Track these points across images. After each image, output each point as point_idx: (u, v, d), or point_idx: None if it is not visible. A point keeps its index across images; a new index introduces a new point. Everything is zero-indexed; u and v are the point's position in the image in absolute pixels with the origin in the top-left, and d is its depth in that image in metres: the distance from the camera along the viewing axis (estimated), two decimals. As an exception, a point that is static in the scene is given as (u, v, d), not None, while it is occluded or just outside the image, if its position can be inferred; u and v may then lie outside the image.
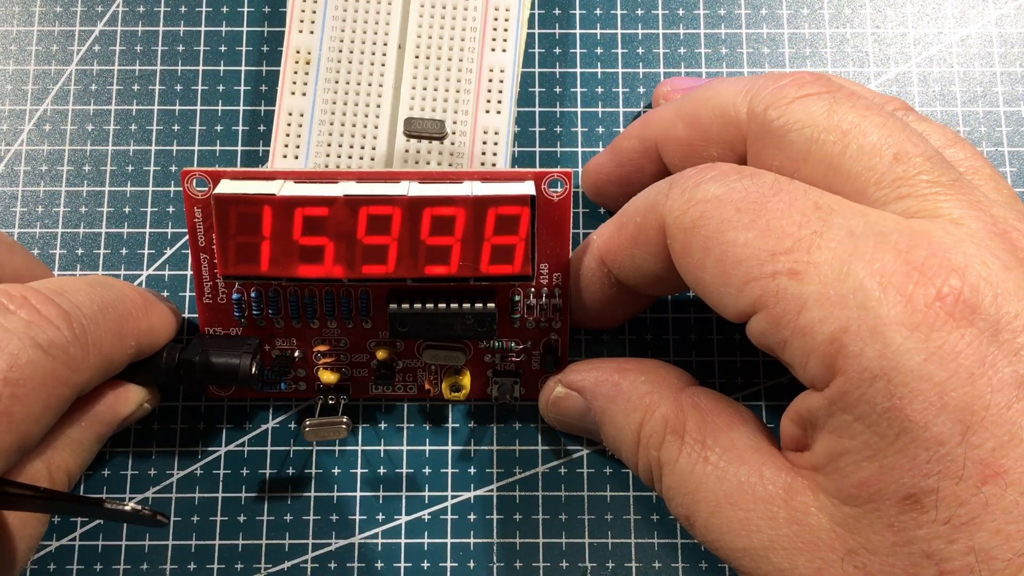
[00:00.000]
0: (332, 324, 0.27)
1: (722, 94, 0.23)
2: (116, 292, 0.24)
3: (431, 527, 0.28)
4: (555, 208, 0.26)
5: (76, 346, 0.21)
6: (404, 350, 0.27)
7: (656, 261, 0.23)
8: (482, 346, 0.27)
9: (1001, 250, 0.19)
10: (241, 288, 0.26)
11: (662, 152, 0.26)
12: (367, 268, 0.24)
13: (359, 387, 0.28)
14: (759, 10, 0.31)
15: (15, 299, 0.21)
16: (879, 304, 0.18)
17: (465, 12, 0.29)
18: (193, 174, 0.25)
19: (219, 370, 0.25)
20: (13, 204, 0.29)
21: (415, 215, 0.24)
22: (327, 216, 0.23)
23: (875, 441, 0.18)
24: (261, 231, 0.24)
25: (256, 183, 0.24)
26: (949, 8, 0.31)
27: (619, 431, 0.24)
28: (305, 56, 0.28)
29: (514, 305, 0.26)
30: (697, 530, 0.21)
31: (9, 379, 0.20)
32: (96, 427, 0.25)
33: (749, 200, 0.20)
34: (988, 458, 0.17)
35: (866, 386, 0.18)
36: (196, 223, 0.26)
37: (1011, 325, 0.17)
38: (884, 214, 0.20)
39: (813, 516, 0.19)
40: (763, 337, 0.20)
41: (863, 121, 0.21)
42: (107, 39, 0.31)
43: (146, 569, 0.27)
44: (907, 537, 0.18)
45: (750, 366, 0.29)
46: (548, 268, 0.26)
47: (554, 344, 0.27)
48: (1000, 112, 0.30)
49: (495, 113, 0.28)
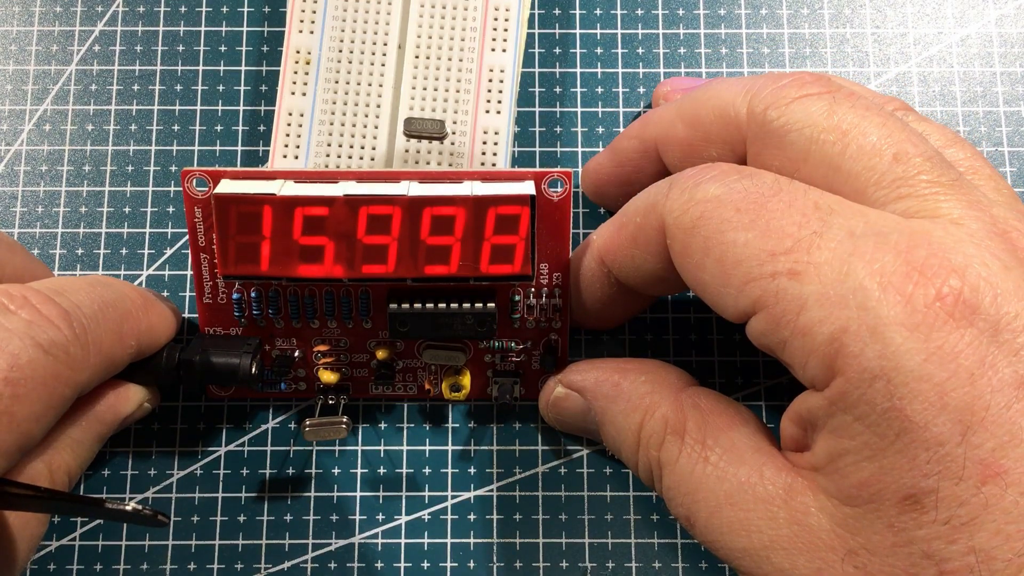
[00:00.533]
0: (332, 324, 0.27)
1: (722, 94, 0.23)
2: (116, 291, 0.24)
3: (431, 527, 0.28)
4: (555, 208, 0.26)
5: (76, 345, 0.21)
6: (404, 350, 0.27)
7: (656, 261, 0.23)
8: (482, 346, 0.27)
9: (1001, 250, 0.19)
10: (241, 288, 0.26)
11: (662, 152, 0.26)
12: (367, 268, 0.24)
13: (359, 387, 0.28)
14: (759, 10, 0.31)
15: (15, 299, 0.21)
16: (879, 304, 0.18)
17: (465, 12, 0.29)
18: (193, 174, 0.25)
19: (219, 370, 0.25)
20: (13, 204, 0.29)
21: (415, 215, 0.24)
22: (327, 216, 0.23)
23: (875, 441, 0.18)
24: (261, 231, 0.24)
25: (256, 183, 0.24)
26: (949, 8, 0.31)
27: (619, 431, 0.24)
28: (305, 56, 0.28)
29: (514, 305, 0.26)
30: (697, 530, 0.21)
31: (10, 378, 0.20)
32: (96, 427, 0.25)
33: (749, 200, 0.20)
34: (988, 458, 0.17)
35: (866, 386, 0.18)
36: (196, 223, 0.26)
37: (1011, 325, 0.17)
38: (884, 214, 0.19)
39: (813, 516, 0.19)
40: (763, 337, 0.20)
41: (863, 121, 0.21)
42: (107, 39, 0.31)
43: (146, 569, 0.27)
44: (907, 537, 0.18)
45: (750, 366, 0.29)
46: (548, 268, 0.26)
47: (554, 344, 0.27)
48: (1000, 112, 0.30)
49: (495, 113, 0.28)
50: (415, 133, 0.27)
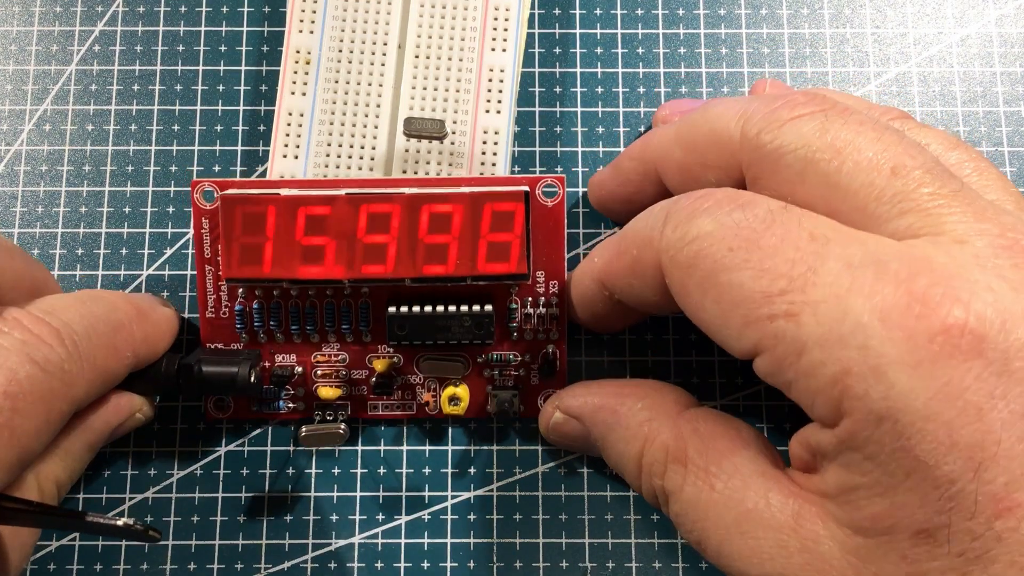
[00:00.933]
0: (332, 339, 0.27)
1: (716, 119, 0.23)
2: (107, 304, 0.24)
3: (431, 527, 0.28)
4: (549, 214, 0.26)
5: (71, 362, 0.21)
6: (403, 366, 0.27)
7: (655, 293, 0.22)
8: (480, 360, 0.27)
9: (1010, 268, 0.18)
10: (243, 301, 0.27)
11: (662, 175, 0.25)
12: (367, 268, 0.25)
13: (358, 405, 0.28)
14: (759, 10, 0.31)
15: (7, 320, 0.21)
16: (880, 343, 0.17)
17: (465, 12, 0.29)
18: (202, 185, 0.26)
19: (218, 378, 0.25)
20: (13, 204, 0.29)
21: (414, 212, 0.24)
22: (329, 215, 0.24)
23: (886, 479, 0.17)
24: (265, 231, 0.24)
25: (261, 190, 0.25)
26: (949, 8, 0.31)
27: (620, 458, 0.24)
28: (305, 56, 0.28)
29: (511, 313, 0.26)
30: (709, 555, 0.21)
31: (9, 392, 0.20)
32: (86, 436, 0.24)
33: (741, 237, 0.19)
34: (1001, 493, 0.16)
35: (873, 428, 0.17)
36: (203, 234, 0.26)
37: (1021, 352, 0.17)
38: (882, 240, 0.19)
39: (824, 544, 0.19)
40: (769, 378, 0.19)
41: (857, 137, 0.20)
42: (107, 39, 0.31)
43: (146, 569, 0.27)
44: (921, 569, 0.17)
45: (750, 366, 0.28)
46: (545, 276, 0.26)
47: (552, 356, 0.27)
48: (1000, 112, 0.30)
49: (495, 113, 0.28)
50: (415, 133, 0.27)
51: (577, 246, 0.29)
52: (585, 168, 0.30)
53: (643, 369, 0.29)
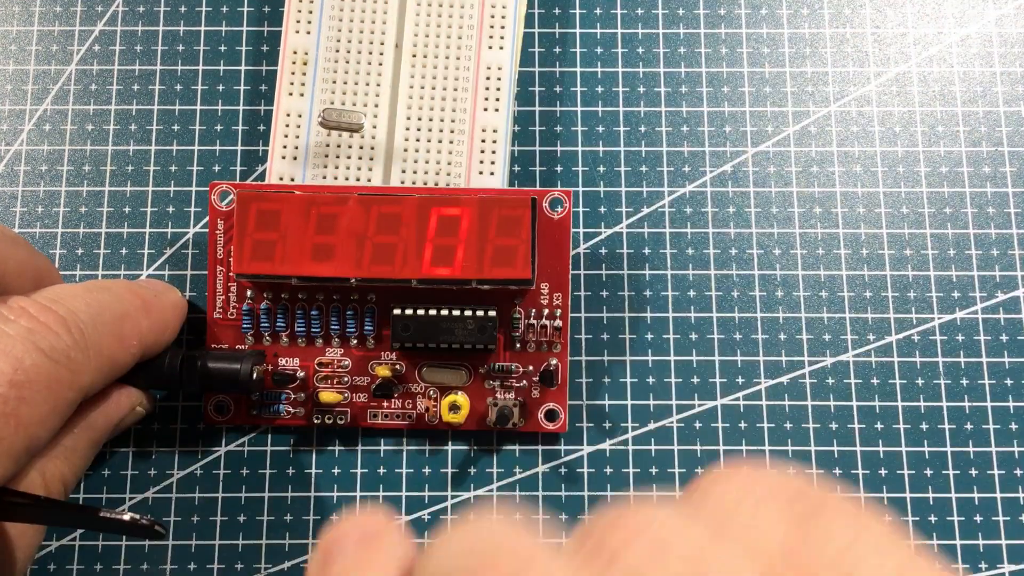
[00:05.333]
0: (336, 343, 0.27)
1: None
2: (113, 294, 0.24)
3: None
4: (556, 226, 0.27)
5: (77, 350, 0.21)
6: (405, 373, 0.27)
7: None
8: (482, 371, 0.27)
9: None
10: (251, 301, 0.27)
11: None
12: (375, 268, 0.25)
13: (358, 413, 0.28)
14: (759, 10, 0.31)
15: (13, 309, 0.21)
16: None
17: (462, 10, 0.29)
18: (220, 186, 0.27)
19: (220, 373, 0.25)
20: (13, 204, 0.30)
21: (423, 215, 0.25)
22: (341, 214, 0.25)
23: None
24: (279, 227, 0.25)
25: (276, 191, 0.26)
26: (949, 8, 0.31)
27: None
28: (302, 57, 0.28)
29: (514, 323, 0.27)
30: None
31: (15, 381, 0.20)
32: (89, 432, 0.24)
33: None
34: None
35: None
36: (217, 235, 0.27)
37: None
38: None
39: None
40: None
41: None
42: (107, 39, 0.31)
43: (146, 569, 0.27)
44: None
45: (750, 366, 0.28)
46: (549, 288, 0.27)
47: (553, 368, 0.27)
48: (1000, 112, 0.30)
49: (493, 111, 0.28)
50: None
51: (577, 246, 0.29)
52: (585, 168, 0.30)
53: (643, 369, 0.29)
